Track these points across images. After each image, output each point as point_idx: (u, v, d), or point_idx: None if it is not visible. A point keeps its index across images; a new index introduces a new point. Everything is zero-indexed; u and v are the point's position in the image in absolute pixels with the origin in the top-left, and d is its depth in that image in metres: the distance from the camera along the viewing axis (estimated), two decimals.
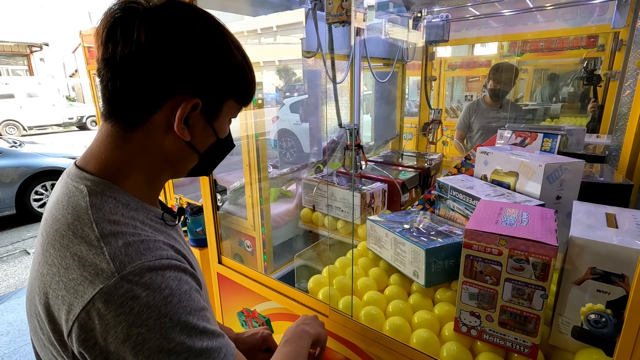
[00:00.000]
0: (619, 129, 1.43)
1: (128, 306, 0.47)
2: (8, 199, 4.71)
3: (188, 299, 0.51)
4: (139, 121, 0.57)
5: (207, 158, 0.67)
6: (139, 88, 0.55)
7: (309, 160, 2.38)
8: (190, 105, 0.57)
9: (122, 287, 0.47)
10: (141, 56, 0.53)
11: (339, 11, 1.45)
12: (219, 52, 0.59)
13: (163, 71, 0.54)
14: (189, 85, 0.57)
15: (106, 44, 0.53)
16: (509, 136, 1.50)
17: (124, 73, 0.54)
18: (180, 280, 0.52)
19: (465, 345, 0.93)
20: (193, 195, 2.78)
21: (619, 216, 0.88)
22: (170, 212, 0.67)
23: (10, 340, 2.74)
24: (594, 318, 0.71)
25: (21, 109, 12.13)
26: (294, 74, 5.85)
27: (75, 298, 0.48)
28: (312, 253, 1.60)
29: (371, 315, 1.06)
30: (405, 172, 1.82)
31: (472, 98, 4.30)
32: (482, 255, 0.83)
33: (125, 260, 0.49)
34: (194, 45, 0.56)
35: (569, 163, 1.08)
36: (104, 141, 0.58)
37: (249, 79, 0.64)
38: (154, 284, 0.49)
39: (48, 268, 0.52)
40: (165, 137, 0.59)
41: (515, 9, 2.09)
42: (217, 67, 0.58)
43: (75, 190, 0.56)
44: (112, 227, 0.52)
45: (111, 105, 0.57)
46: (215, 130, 0.64)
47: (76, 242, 0.51)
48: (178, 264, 0.54)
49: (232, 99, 0.64)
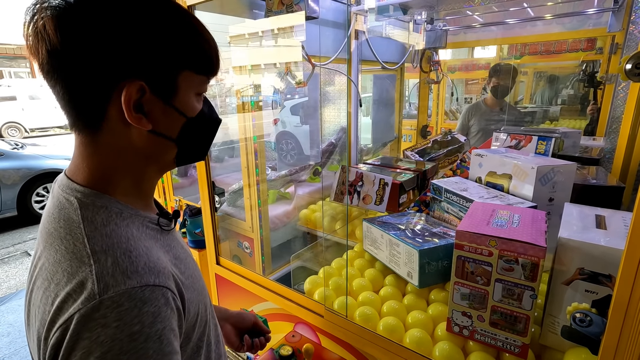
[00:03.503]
0: (612, 132, 1.44)
1: (95, 333, 0.45)
2: (9, 200, 4.73)
3: (156, 340, 0.48)
4: (98, 123, 0.54)
5: (186, 141, 0.61)
6: (76, 88, 0.51)
7: (308, 162, 2.40)
8: (134, 90, 0.52)
9: (98, 311, 0.46)
10: (61, 54, 0.48)
11: (280, 7, 1.33)
12: (147, 23, 0.52)
13: (90, 63, 0.49)
14: (123, 69, 0.51)
15: (36, 53, 0.50)
16: (504, 139, 1.52)
17: (58, 77, 0.50)
18: (157, 317, 0.49)
19: (457, 344, 0.95)
20: (193, 197, 2.80)
21: (609, 218, 0.89)
22: (166, 215, 0.66)
23: (11, 341, 2.75)
24: (579, 317, 0.72)
25: (23, 111, 12.17)
26: (294, 77, 5.87)
27: (57, 315, 0.47)
28: (309, 254, 1.61)
29: (366, 316, 1.08)
30: (404, 173, 1.83)
31: (471, 100, 4.31)
32: (473, 256, 0.84)
33: (110, 282, 0.47)
34: (113, 21, 0.50)
35: (561, 165, 1.09)
36: (79, 150, 0.56)
37: (199, 43, 0.57)
38: (127, 317, 0.46)
39: (41, 281, 0.52)
40: (129, 132, 0.55)
41: (515, 19, 2.10)
42: (149, 40, 0.52)
43: (66, 202, 0.55)
44: (104, 241, 0.51)
45: (68, 114, 0.54)
46: (179, 109, 0.57)
47: (68, 257, 0.50)
48: (160, 296, 0.51)
49: (187, 70, 0.56)
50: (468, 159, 1.63)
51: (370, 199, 1.48)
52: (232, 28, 1.89)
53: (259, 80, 1.99)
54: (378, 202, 1.46)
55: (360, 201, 1.52)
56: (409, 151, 1.94)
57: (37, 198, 5.02)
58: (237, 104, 1.90)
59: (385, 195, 1.43)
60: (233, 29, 1.88)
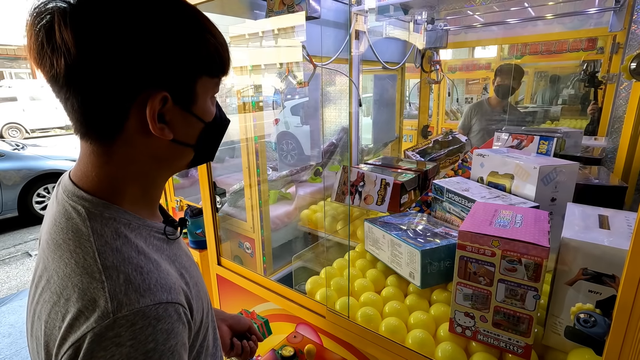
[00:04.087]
0: (614, 132, 1.44)
1: (110, 352, 0.45)
2: (10, 201, 4.74)
3: (169, 356, 0.49)
4: (114, 134, 0.52)
5: (203, 146, 0.61)
6: (95, 101, 0.49)
7: (309, 163, 2.39)
8: (158, 101, 0.51)
9: (113, 330, 0.46)
10: (78, 65, 0.46)
11: (281, 7, 1.31)
12: (167, 29, 0.50)
13: (111, 74, 0.48)
14: (146, 79, 0.50)
15: (41, 61, 0.47)
16: (505, 138, 1.51)
17: (73, 89, 0.48)
18: (170, 334, 0.49)
19: (460, 345, 0.94)
20: (194, 197, 2.80)
21: (611, 218, 0.89)
22: (172, 223, 0.65)
23: (12, 342, 2.75)
24: (583, 317, 0.72)
25: (24, 112, 12.19)
26: (295, 77, 5.87)
27: (68, 332, 0.47)
28: (311, 255, 1.61)
29: (368, 316, 1.07)
30: (405, 174, 1.83)
31: (472, 100, 4.31)
32: (475, 256, 0.84)
33: (123, 300, 0.47)
34: (136, 32, 0.48)
35: (563, 165, 1.09)
36: (89, 159, 0.55)
37: (214, 45, 0.55)
38: (141, 336, 0.47)
39: (50, 295, 0.51)
40: (149, 142, 0.54)
41: (515, 19, 2.10)
42: (171, 48, 0.50)
43: (73, 211, 0.53)
44: (115, 256, 0.50)
45: (80, 125, 0.51)
46: (199, 116, 0.57)
47: (78, 272, 0.49)
48: (173, 312, 0.51)
49: (203, 76, 0.56)
50: (470, 158, 1.62)
51: (372, 199, 1.48)
52: (232, 28, 1.88)
53: (260, 80, 1.99)
54: (379, 203, 1.45)
55: (362, 201, 1.51)
56: (410, 151, 1.93)
57: (38, 199, 5.02)
58: (238, 105, 1.90)
59: (387, 196, 1.43)
60: (233, 29, 1.88)
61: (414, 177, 1.50)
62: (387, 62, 2.53)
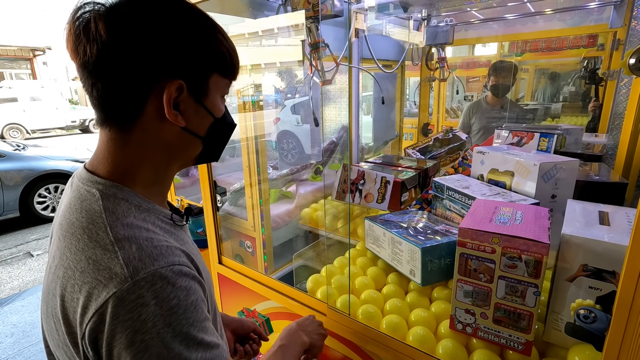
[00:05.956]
0: (615, 128, 1.43)
1: (137, 312, 0.48)
2: (12, 201, 4.75)
3: (193, 310, 0.52)
4: (133, 119, 0.57)
5: (211, 141, 0.66)
6: (119, 86, 0.54)
7: (309, 161, 2.39)
8: (174, 89, 0.56)
9: (134, 293, 0.48)
10: (109, 52, 0.52)
11: (305, 6, 1.31)
12: (186, 28, 0.57)
13: (136, 62, 0.53)
14: (166, 69, 0.55)
15: (76, 49, 0.53)
16: (506, 136, 1.51)
17: (101, 75, 0.53)
18: (189, 290, 0.53)
19: (461, 342, 0.95)
20: (194, 197, 2.81)
21: (612, 214, 0.89)
22: (178, 212, 0.68)
23: (15, 342, 2.76)
24: (583, 313, 0.72)
25: (24, 113, 12.19)
26: (295, 76, 5.87)
27: (89, 301, 0.50)
28: (311, 253, 1.61)
29: (368, 314, 1.08)
30: (406, 172, 1.83)
31: (472, 98, 4.30)
32: (476, 253, 0.84)
33: (138, 265, 0.50)
34: (160, 27, 0.54)
35: (563, 162, 1.09)
36: (107, 145, 0.59)
37: (227, 49, 0.62)
38: (163, 293, 0.50)
39: (64, 271, 0.53)
40: (162, 128, 0.59)
41: (514, 14, 2.09)
42: (189, 44, 0.57)
43: (88, 194, 0.57)
44: (126, 230, 0.53)
45: (102, 111, 0.57)
46: (209, 109, 0.62)
47: (91, 246, 0.52)
48: (188, 271, 0.55)
49: (216, 73, 0.61)
50: (470, 156, 1.62)
51: (372, 197, 1.48)
52: (232, 28, 1.89)
53: (260, 79, 1.99)
54: (380, 200, 1.46)
55: (362, 199, 1.51)
56: (410, 149, 1.94)
57: (39, 199, 5.03)
58: (238, 104, 1.90)
59: (387, 194, 1.43)
60: (233, 29, 1.88)
61: (415, 175, 1.50)
62: (386, 60, 2.52)
